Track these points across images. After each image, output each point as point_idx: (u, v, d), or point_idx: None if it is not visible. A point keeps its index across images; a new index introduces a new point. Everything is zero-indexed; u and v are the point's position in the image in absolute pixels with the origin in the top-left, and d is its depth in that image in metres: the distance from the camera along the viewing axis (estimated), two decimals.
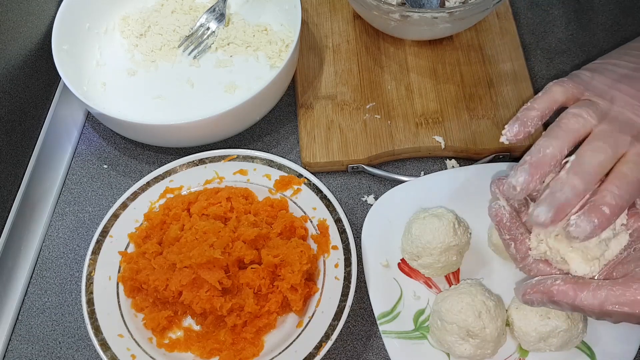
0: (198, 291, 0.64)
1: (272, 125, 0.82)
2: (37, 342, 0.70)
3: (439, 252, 0.64)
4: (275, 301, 0.64)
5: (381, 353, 0.67)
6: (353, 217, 0.75)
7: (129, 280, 0.67)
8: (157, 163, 0.80)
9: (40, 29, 0.80)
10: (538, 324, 0.60)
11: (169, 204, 0.72)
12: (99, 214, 0.77)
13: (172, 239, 0.68)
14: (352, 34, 0.86)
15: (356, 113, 0.79)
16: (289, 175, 0.73)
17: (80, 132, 0.84)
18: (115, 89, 0.83)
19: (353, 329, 0.68)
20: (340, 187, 0.77)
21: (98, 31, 0.86)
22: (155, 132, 0.74)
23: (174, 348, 0.65)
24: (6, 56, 0.73)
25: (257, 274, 0.65)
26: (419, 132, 0.77)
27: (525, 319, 0.61)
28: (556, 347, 0.60)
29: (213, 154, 0.75)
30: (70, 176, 0.80)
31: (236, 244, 0.66)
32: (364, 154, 0.76)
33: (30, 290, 0.73)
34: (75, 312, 0.71)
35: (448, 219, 0.65)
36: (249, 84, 0.82)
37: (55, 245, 0.76)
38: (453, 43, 0.84)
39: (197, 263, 0.64)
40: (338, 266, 0.67)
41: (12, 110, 0.74)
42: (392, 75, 0.82)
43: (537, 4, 0.91)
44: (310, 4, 0.89)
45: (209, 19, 0.86)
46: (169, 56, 0.85)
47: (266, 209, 0.71)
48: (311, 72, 0.83)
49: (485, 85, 0.80)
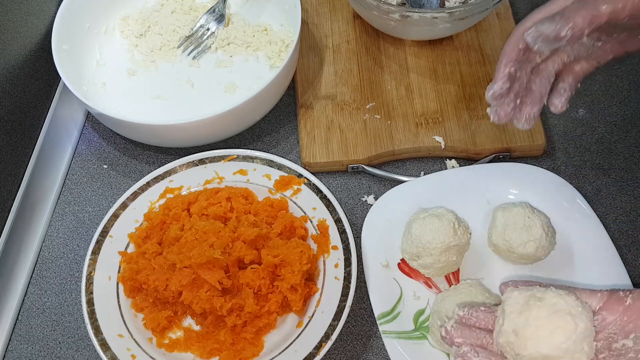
0: (198, 291, 0.64)
1: (272, 125, 0.82)
2: (37, 342, 0.70)
3: (439, 252, 0.64)
4: (275, 301, 0.64)
5: (381, 353, 0.67)
6: (353, 217, 0.75)
7: (129, 281, 0.67)
8: (157, 163, 0.80)
9: (40, 29, 0.80)
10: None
11: (169, 204, 0.72)
12: (99, 214, 0.77)
13: (172, 239, 0.68)
14: (352, 34, 0.86)
15: (356, 113, 0.79)
16: (289, 175, 0.73)
17: (80, 132, 0.84)
18: (115, 89, 0.83)
19: (353, 329, 0.68)
20: (340, 187, 0.77)
21: (98, 31, 0.86)
22: (155, 132, 0.74)
23: (174, 348, 0.65)
24: (6, 56, 0.73)
25: (257, 274, 0.65)
26: (419, 132, 0.77)
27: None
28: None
29: (213, 154, 0.75)
30: (70, 176, 0.80)
31: (236, 244, 0.66)
32: (364, 154, 0.76)
33: (30, 290, 0.73)
34: (75, 312, 0.71)
35: (448, 219, 0.65)
36: (249, 84, 0.82)
37: (55, 245, 0.76)
38: (453, 43, 0.84)
39: (197, 263, 0.64)
40: (338, 266, 0.67)
41: (12, 110, 0.74)
42: (392, 75, 0.82)
43: (537, 4, 0.91)
44: (310, 4, 0.89)
45: (208, 20, 0.86)
46: (169, 56, 0.85)
47: (266, 209, 0.71)
48: (311, 72, 0.83)
49: (485, 85, 0.79)
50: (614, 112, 0.81)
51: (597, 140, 0.79)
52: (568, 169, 0.77)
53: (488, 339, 0.56)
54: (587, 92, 0.82)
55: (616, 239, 0.70)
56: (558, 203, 0.70)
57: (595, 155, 0.78)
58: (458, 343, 0.55)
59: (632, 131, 0.79)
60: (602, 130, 0.80)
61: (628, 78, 0.84)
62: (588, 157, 0.78)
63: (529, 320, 0.52)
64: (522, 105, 0.61)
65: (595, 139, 0.79)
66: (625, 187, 0.76)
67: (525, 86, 0.61)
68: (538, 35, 0.55)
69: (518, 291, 0.55)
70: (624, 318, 0.53)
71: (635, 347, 0.52)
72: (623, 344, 0.52)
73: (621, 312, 0.53)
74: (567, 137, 0.80)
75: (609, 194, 0.75)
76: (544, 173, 0.71)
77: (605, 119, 0.81)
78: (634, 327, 0.52)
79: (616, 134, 0.79)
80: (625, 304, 0.53)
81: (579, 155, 0.78)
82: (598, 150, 0.78)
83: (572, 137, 0.80)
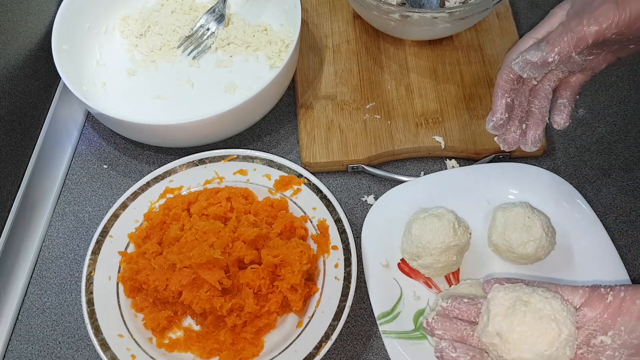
0: (198, 291, 0.64)
1: (272, 125, 0.82)
2: (37, 342, 0.70)
3: (439, 252, 0.64)
4: (275, 301, 0.64)
5: (381, 353, 0.67)
6: (353, 217, 0.75)
7: (129, 281, 0.67)
8: (157, 163, 0.80)
9: (40, 29, 0.80)
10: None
11: (169, 204, 0.72)
12: (99, 214, 0.77)
13: (172, 239, 0.68)
14: (352, 34, 0.86)
15: (356, 113, 0.79)
16: (289, 175, 0.73)
17: (80, 132, 0.84)
18: (115, 89, 0.83)
19: (353, 329, 0.68)
20: (340, 187, 0.77)
21: (98, 31, 0.86)
22: (155, 132, 0.74)
23: (174, 348, 0.65)
24: (6, 56, 0.73)
25: (257, 274, 0.65)
26: (419, 132, 0.77)
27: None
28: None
29: (213, 154, 0.75)
30: (70, 176, 0.80)
31: (236, 244, 0.66)
32: (364, 154, 0.76)
33: (30, 290, 0.73)
34: (75, 312, 0.71)
35: (448, 219, 0.65)
36: (249, 84, 0.82)
37: (55, 245, 0.76)
38: (453, 43, 0.84)
39: (197, 263, 0.64)
40: (338, 266, 0.67)
41: (12, 110, 0.74)
42: (392, 75, 0.82)
43: (537, 4, 0.91)
44: (310, 4, 0.89)
45: (208, 20, 0.86)
46: (169, 56, 0.85)
47: (266, 209, 0.71)
48: (311, 72, 0.83)
49: (485, 85, 0.80)
50: (614, 112, 0.81)
51: (597, 140, 0.79)
52: (568, 169, 0.77)
53: (469, 331, 0.57)
54: (587, 92, 0.82)
55: (616, 239, 0.70)
56: (558, 203, 0.70)
57: (595, 155, 0.78)
58: (438, 335, 0.56)
59: (632, 131, 0.79)
60: (602, 130, 0.80)
61: (628, 78, 0.84)
62: (588, 157, 0.78)
63: (514, 325, 0.53)
64: (527, 129, 0.62)
65: (595, 139, 0.79)
66: (625, 187, 0.76)
67: (527, 109, 0.62)
68: (525, 64, 0.56)
69: (504, 291, 0.56)
70: (604, 315, 0.54)
71: (612, 344, 0.53)
72: (601, 340, 0.53)
73: (602, 309, 0.54)
74: (567, 137, 0.80)
75: (609, 194, 0.75)
76: (544, 173, 0.71)
77: (605, 119, 0.81)
78: (613, 324, 0.53)
79: (616, 134, 0.79)
80: (606, 301, 0.54)
81: (579, 155, 0.78)
82: (598, 150, 0.78)
83: (572, 137, 0.80)
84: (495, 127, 0.61)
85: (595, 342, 0.53)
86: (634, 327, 0.52)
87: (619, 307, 0.53)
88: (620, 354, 0.52)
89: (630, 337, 0.52)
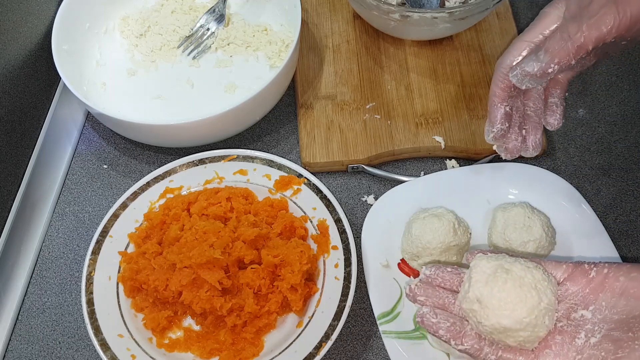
0: (198, 291, 0.64)
1: (272, 125, 0.82)
2: (37, 342, 0.70)
3: (439, 252, 0.64)
4: (275, 301, 0.64)
5: (381, 353, 0.67)
6: (353, 217, 0.75)
7: (129, 281, 0.67)
8: (157, 163, 0.80)
9: (40, 29, 0.80)
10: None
11: (169, 204, 0.72)
12: (99, 214, 0.77)
13: (172, 239, 0.68)
14: (352, 34, 0.86)
15: (356, 113, 0.79)
16: (289, 175, 0.73)
17: (80, 132, 0.84)
18: (115, 89, 0.83)
19: (353, 329, 0.68)
20: (340, 187, 0.77)
21: (98, 31, 0.86)
22: (155, 132, 0.74)
23: (174, 348, 0.65)
24: (6, 56, 0.73)
25: (257, 274, 0.65)
26: (419, 132, 0.77)
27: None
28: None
29: (213, 154, 0.75)
30: (70, 176, 0.80)
31: (236, 244, 0.66)
32: (364, 154, 0.76)
33: (30, 290, 0.73)
34: (75, 312, 0.71)
35: (448, 219, 0.65)
36: (249, 84, 0.82)
37: (55, 245, 0.76)
38: (453, 43, 0.84)
39: (197, 263, 0.64)
40: (338, 266, 0.67)
41: (12, 110, 0.74)
42: (392, 75, 0.82)
43: (537, 4, 0.91)
44: (310, 4, 0.89)
45: (208, 20, 0.86)
46: (169, 56, 0.85)
47: (266, 209, 0.71)
48: (311, 72, 0.83)
49: (485, 85, 0.80)
50: (614, 112, 0.81)
51: (597, 140, 0.79)
52: (568, 169, 0.77)
53: (450, 299, 0.57)
54: (587, 92, 0.82)
55: (616, 239, 0.70)
56: (558, 203, 0.70)
57: (595, 155, 0.78)
58: (420, 301, 0.57)
59: (632, 131, 0.79)
60: (602, 130, 0.80)
61: (628, 78, 0.84)
62: (588, 157, 0.78)
63: (494, 292, 0.54)
64: (526, 134, 0.62)
65: (595, 139, 0.79)
66: (625, 187, 0.76)
67: (523, 112, 0.62)
68: (523, 76, 0.56)
69: (486, 259, 0.56)
70: (586, 290, 0.54)
71: (593, 318, 0.53)
72: (582, 314, 0.54)
73: (584, 284, 0.55)
74: (567, 137, 0.80)
75: (609, 194, 0.75)
76: (544, 173, 0.71)
77: (605, 119, 0.81)
78: (594, 299, 0.54)
79: (616, 134, 0.79)
80: (589, 276, 0.55)
81: (579, 155, 0.78)
82: (598, 150, 0.78)
83: (572, 137, 0.80)
84: (496, 138, 0.61)
85: (576, 316, 0.54)
86: (615, 303, 0.53)
87: (601, 283, 0.54)
88: (599, 328, 0.52)
89: (610, 312, 0.53)
